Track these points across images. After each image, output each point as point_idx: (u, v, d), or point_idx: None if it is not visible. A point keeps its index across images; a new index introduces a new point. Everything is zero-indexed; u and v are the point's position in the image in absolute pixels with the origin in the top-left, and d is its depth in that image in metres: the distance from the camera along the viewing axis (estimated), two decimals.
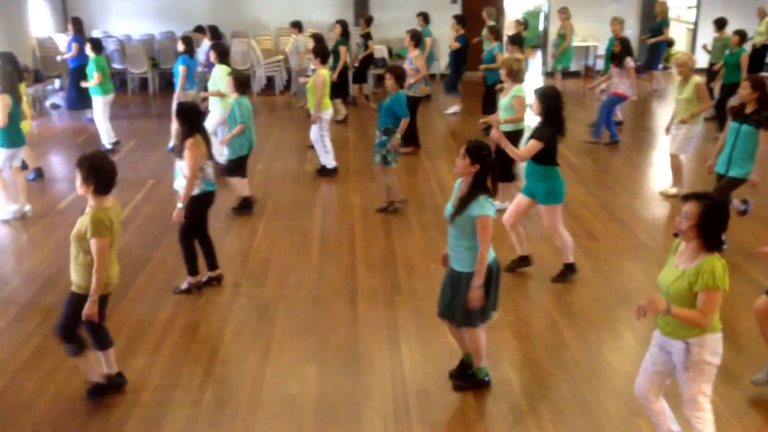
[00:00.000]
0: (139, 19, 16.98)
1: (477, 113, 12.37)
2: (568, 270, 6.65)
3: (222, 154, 8.80)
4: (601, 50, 16.75)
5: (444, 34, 16.80)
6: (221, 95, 9.39)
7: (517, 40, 10.90)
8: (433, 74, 17.68)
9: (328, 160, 9.90)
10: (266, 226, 8.12)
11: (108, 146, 11.14)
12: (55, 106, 14.59)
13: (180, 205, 6.19)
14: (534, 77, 16.72)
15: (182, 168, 6.17)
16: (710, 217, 3.72)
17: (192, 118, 6.21)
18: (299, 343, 5.67)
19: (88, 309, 4.57)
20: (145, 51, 15.85)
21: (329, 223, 8.25)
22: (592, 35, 17.28)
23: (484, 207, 4.55)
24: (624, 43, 10.95)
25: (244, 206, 8.47)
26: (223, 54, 9.73)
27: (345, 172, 10.07)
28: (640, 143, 11.60)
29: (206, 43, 12.67)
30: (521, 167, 7.41)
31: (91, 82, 10.69)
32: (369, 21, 14.52)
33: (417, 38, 10.94)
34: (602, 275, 6.79)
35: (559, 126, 6.27)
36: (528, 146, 6.22)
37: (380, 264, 7.09)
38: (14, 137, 8.21)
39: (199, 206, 6.31)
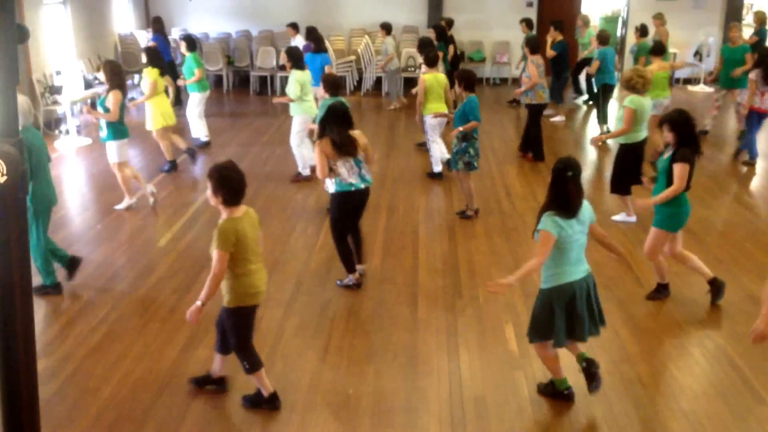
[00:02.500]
0: (217, 17, 17.37)
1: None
2: (663, 289, 6.41)
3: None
4: (686, 57, 16.37)
5: (518, 37, 16.62)
6: (290, 101, 9.36)
7: (660, 50, 10.40)
8: (505, 78, 17.56)
9: (434, 165, 9.86)
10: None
11: (204, 139, 11.40)
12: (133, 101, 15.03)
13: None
14: None
15: None
16: None
17: (326, 120, 6.15)
18: (358, 343, 5.68)
19: (193, 314, 4.49)
20: (221, 49, 16.18)
21: (393, 225, 8.24)
22: (672, 42, 16.79)
23: (543, 222, 4.51)
24: (764, 53, 10.16)
25: None
26: (297, 60, 9.48)
27: (412, 174, 10.06)
28: (718, 154, 11.21)
29: (297, 40, 12.94)
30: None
31: (192, 79, 10.87)
32: (450, 24, 14.48)
33: (533, 45, 10.67)
34: (671, 289, 6.57)
35: (696, 145, 5.97)
36: (678, 173, 5.80)
37: (442, 267, 7.04)
38: (121, 130, 8.38)
39: (337, 204, 6.41)
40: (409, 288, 6.62)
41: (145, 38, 16.67)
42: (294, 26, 13.94)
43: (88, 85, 13.39)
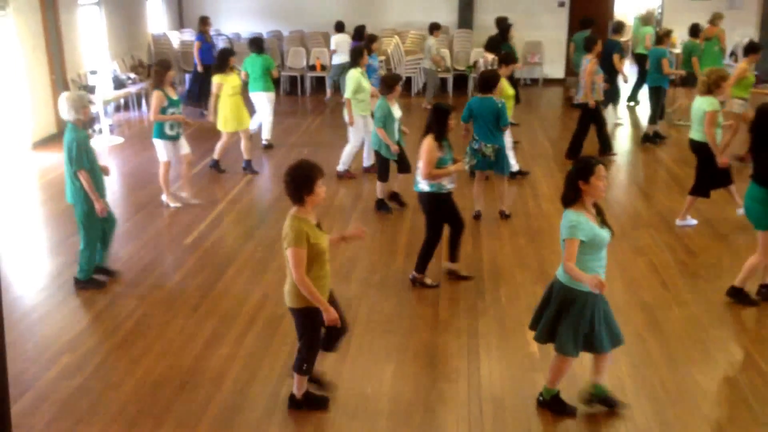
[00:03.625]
0: (249, 18, 17.51)
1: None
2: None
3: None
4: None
5: (549, 38, 16.57)
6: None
7: (751, 49, 10.21)
8: (536, 79, 17.45)
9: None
10: (356, 224, 8.19)
11: (264, 142, 11.37)
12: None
13: None
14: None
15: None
16: None
17: (432, 118, 6.34)
18: (378, 343, 5.69)
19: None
20: None
21: (418, 224, 8.19)
22: None
23: None
24: None
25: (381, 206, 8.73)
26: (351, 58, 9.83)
27: None
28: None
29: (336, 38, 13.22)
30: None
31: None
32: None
33: (586, 44, 10.68)
34: (698, 293, 6.48)
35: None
36: None
37: (465, 268, 7.01)
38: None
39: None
40: (432, 288, 6.60)
41: (178, 37, 16.88)
42: (339, 26, 14.55)
43: (121, 84, 13.58)
